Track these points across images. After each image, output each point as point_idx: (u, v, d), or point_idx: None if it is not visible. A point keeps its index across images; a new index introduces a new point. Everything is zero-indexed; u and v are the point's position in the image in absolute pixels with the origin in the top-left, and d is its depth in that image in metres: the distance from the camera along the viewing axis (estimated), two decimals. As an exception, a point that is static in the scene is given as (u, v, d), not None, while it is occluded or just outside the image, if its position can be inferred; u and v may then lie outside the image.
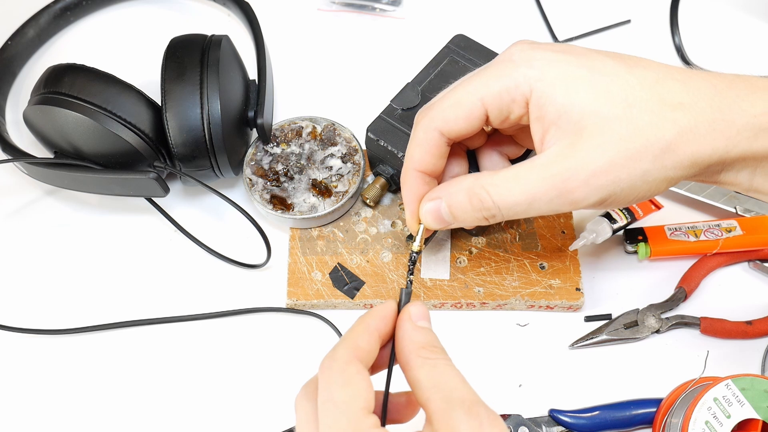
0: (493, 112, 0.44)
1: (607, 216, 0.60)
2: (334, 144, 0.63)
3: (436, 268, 0.59)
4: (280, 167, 0.61)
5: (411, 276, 0.45)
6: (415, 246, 0.46)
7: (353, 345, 0.39)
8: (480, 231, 0.60)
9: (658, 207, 0.62)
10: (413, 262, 0.45)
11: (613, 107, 0.41)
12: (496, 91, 0.43)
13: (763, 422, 0.48)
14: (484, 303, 0.58)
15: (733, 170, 0.43)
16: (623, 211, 0.60)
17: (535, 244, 0.60)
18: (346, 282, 0.59)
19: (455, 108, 0.44)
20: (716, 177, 0.44)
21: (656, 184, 0.42)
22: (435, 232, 0.55)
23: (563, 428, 0.53)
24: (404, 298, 0.42)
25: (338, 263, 0.59)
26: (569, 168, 0.41)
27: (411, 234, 0.58)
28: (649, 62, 0.43)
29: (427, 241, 0.55)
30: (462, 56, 0.62)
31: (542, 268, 0.59)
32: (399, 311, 0.41)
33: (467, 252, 0.60)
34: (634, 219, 0.60)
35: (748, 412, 0.48)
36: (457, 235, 0.60)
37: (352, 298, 0.58)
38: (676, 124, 0.41)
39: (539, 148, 0.43)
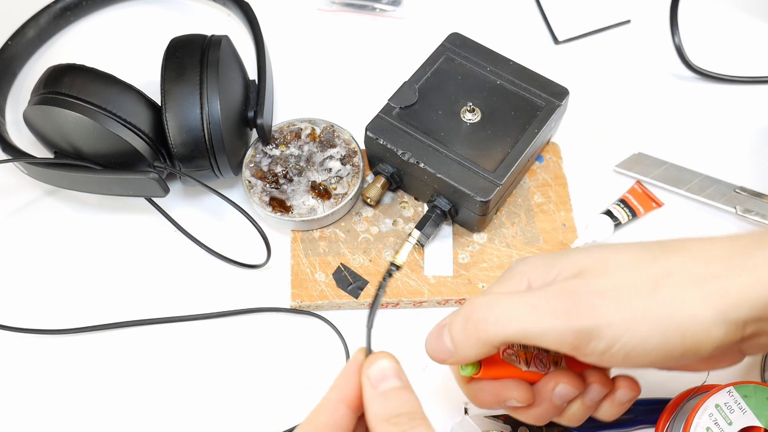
0: None
1: (609, 214, 0.60)
2: (333, 146, 0.62)
3: (438, 264, 0.59)
4: (279, 169, 0.61)
5: (374, 313, 0.40)
6: (400, 259, 0.42)
7: (313, 426, 0.36)
8: (481, 227, 0.60)
9: (659, 204, 0.62)
10: (383, 284, 0.41)
11: (612, 262, 0.38)
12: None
13: (765, 430, 0.48)
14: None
15: None
16: (624, 208, 0.60)
17: (536, 237, 0.60)
18: (350, 282, 0.59)
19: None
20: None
21: (674, 331, 0.36)
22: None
23: (563, 428, 0.53)
24: (368, 347, 0.38)
25: (341, 263, 0.59)
26: (575, 285, 0.38)
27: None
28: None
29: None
30: (458, 54, 0.62)
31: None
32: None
33: (469, 248, 0.60)
34: (635, 216, 0.60)
35: (750, 420, 0.48)
36: (459, 231, 0.61)
37: (357, 297, 0.58)
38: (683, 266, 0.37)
39: None
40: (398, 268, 0.42)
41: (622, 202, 0.62)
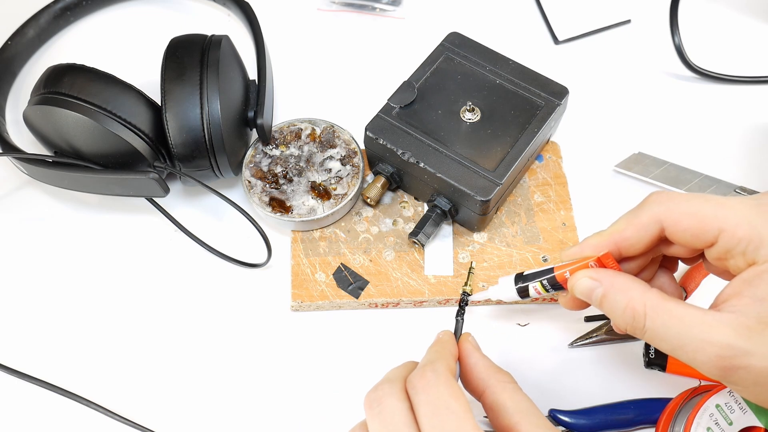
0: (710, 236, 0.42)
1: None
2: (333, 146, 0.62)
3: (438, 264, 0.59)
4: (279, 169, 0.61)
5: (462, 311, 0.50)
6: (469, 289, 0.52)
7: (449, 366, 0.42)
8: (481, 227, 0.60)
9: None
10: (465, 304, 0.51)
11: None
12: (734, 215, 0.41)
13: (765, 430, 0.48)
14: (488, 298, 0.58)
15: None
16: None
17: (536, 237, 0.60)
18: (350, 282, 0.58)
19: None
20: None
21: None
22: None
23: (563, 428, 0.53)
24: (460, 329, 0.48)
25: (341, 263, 0.59)
26: (741, 350, 0.38)
27: (416, 237, 0.58)
28: None
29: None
30: (457, 53, 0.62)
31: (545, 260, 0.59)
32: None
33: (470, 247, 0.60)
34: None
35: (750, 420, 0.48)
36: (459, 231, 0.61)
37: (357, 297, 0.58)
38: None
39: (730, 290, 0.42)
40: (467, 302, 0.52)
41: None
